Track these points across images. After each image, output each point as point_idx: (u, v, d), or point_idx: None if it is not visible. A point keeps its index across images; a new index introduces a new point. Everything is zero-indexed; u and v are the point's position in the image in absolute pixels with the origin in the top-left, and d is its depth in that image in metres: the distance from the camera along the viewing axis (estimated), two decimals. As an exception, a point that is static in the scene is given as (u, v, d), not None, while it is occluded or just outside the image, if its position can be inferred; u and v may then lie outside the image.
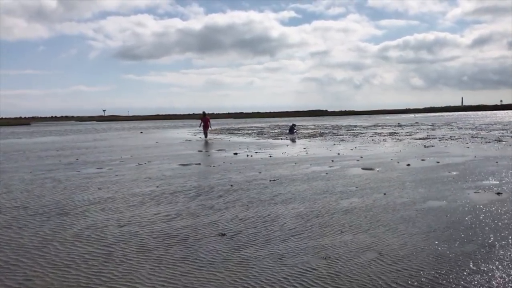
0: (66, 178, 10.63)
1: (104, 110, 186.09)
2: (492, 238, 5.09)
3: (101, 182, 9.80)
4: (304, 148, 17.87)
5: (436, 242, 4.97)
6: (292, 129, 30.81)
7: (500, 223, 5.70)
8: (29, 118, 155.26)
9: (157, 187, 9.02)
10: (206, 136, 26.34)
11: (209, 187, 8.88)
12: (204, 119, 26.23)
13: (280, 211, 6.65)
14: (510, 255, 4.51)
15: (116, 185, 9.32)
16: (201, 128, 26.73)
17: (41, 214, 6.78)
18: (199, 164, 13.08)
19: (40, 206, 7.32)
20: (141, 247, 5.02)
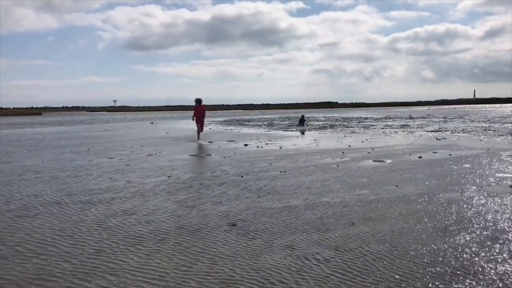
0: (77, 167, 10.71)
1: (115, 101, 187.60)
2: (506, 230, 5.03)
3: (113, 171, 9.85)
4: (315, 140, 17.81)
5: (449, 235, 4.93)
6: (302, 121, 30.70)
7: (514, 216, 5.63)
8: (40, 108, 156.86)
9: (168, 177, 9.05)
10: (199, 133, 18.54)
11: (220, 178, 8.89)
12: (199, 109, 18.53)
13: (290, 202, 6.63)
14: (524, 248, 4.45)
15: (128, 175, 9.37)
16: (195, 123, 18.72)
17: (54, 202, 6.84)
18: (210, 154, 13.10)
19: (54, 194, 7.39)
20: (157, 235, 5.05)
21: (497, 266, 4.00)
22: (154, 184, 8.28)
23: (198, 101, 18.72)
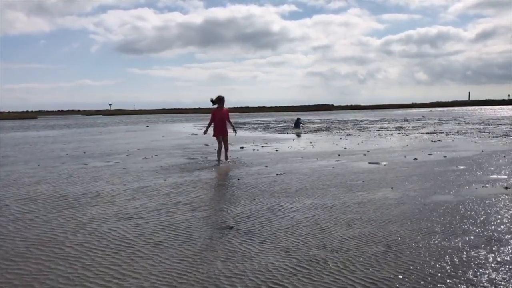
0: (73, 171, 10.70)
1: (110, 104, 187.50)
2: (499, 232, 5.07)
3: (109, 175, 9.85)
4: (311, 142, 17.86)
5: (443, 237, 4.96)
6: (298, 124, 30.78)
7: (507, 217, 5.67)
8: (35, 112, 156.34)
9: (165, 180, 9.05)
10: (225, 152, 11.84)
11: (216, 180, 8.91)
12: (220, 112, 11.65)
13: (287, 204, 6.66)
14: (518, 249, 4.49)
15: (124, 178, 9.36)
16: (211, 133, 11.76)
17: (52, 206, 6.83)
18: (206, 157, 13.11)
19: (46, 196, 7.37)
20: (152, 238, 5.05)
21: (493, 267, 4.03)
22: (150, 187, 8.28)
23: (219, 100, 11.73)
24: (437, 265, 4.09)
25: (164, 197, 7.35)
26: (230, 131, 12.03)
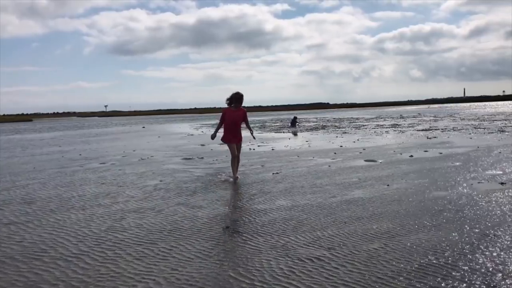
0: (69, 172, 10.64)
1: (106, 106, 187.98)
2: (495, 227, 5.08)
3: (104, 177, 9.80)
4: (307, 141, 17.86)
5: (440, 233, 4.97)
6: (294, 122, 30.79)
7: (503, 213, 5.68)
8: (31, 114, 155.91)
9: (161, 181, 9.02)
10: (236, 166, 9.14)
11: (212, 180, 8.89)
12: (233, 113, 9.19)
13: (283, 203, 6.64)
14: (514, 244, 4.50)
15: (119, 179, 9.32)
16: (221, 139, 9.66)
17: (45, 207, 6.79)
18: (202, 158, 13.08)
19: (45, 198, 7.33)
20: (149, 239, 5.03)
21: (487, 262, 4.04)
22: (146, 188, 8.25)
23: (236, 99, 9.12)
24: (434, 262, 4.09)
25: (162, 198, 7.32)
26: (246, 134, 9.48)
